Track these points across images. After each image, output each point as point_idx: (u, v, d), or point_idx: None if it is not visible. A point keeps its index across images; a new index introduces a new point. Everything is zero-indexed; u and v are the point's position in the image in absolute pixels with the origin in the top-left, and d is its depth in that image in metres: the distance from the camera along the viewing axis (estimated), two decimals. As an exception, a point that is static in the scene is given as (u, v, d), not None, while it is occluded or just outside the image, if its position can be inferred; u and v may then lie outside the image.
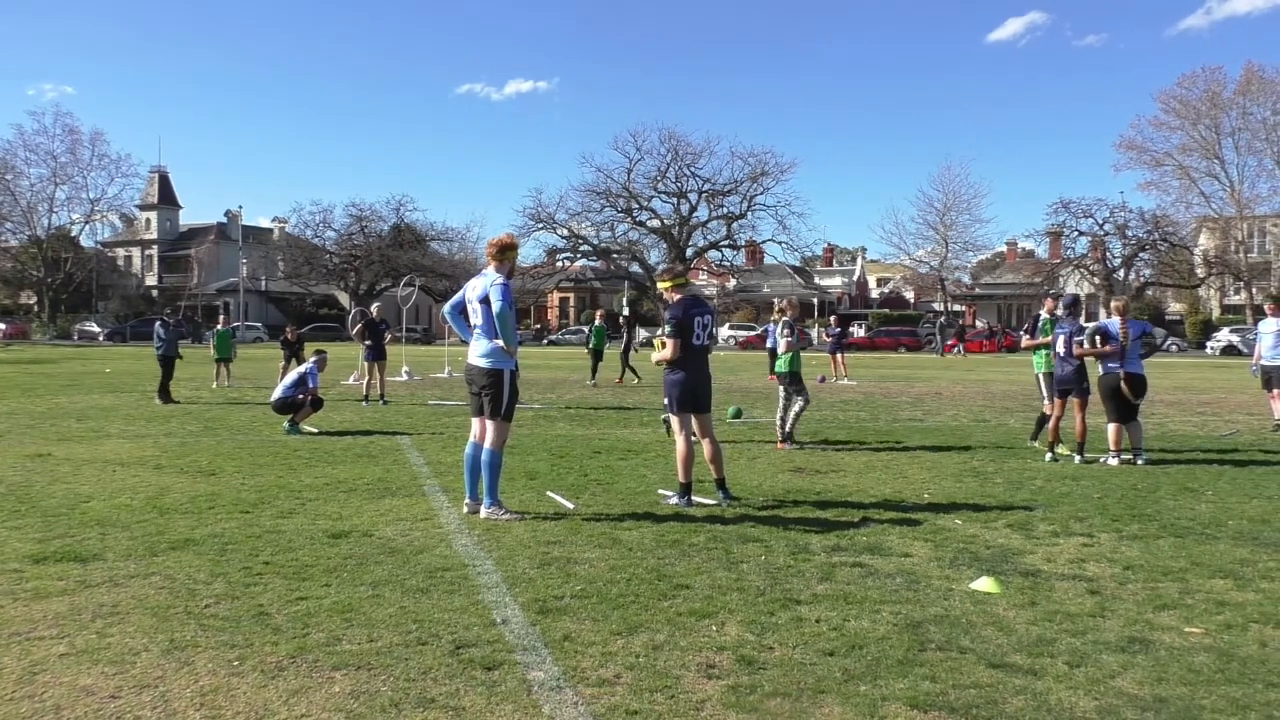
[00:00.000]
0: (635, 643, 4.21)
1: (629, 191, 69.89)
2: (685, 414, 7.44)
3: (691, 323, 7.36)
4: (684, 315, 7.38)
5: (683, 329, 7.35)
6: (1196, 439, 12.04)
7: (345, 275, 74.50)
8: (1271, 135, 61.46)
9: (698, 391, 7.43)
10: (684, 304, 7.46)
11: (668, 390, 7.56)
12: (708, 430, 7.53)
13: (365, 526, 6.51)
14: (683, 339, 7.34)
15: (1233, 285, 64.19)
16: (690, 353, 7.38)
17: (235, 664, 3.92)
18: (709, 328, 7.45)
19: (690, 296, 7.56)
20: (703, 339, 7.42)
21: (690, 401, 7.43)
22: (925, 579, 5.30)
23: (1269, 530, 6.62)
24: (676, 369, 7.40)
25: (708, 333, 7.45)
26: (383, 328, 16.90)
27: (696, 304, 7.50)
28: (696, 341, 7.37)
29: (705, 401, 7.52)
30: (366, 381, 16.52)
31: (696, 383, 7.40)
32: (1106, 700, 3.62)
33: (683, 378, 7.38)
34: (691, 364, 7.38)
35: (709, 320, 7.47)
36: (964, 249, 69.75)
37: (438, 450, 10.47)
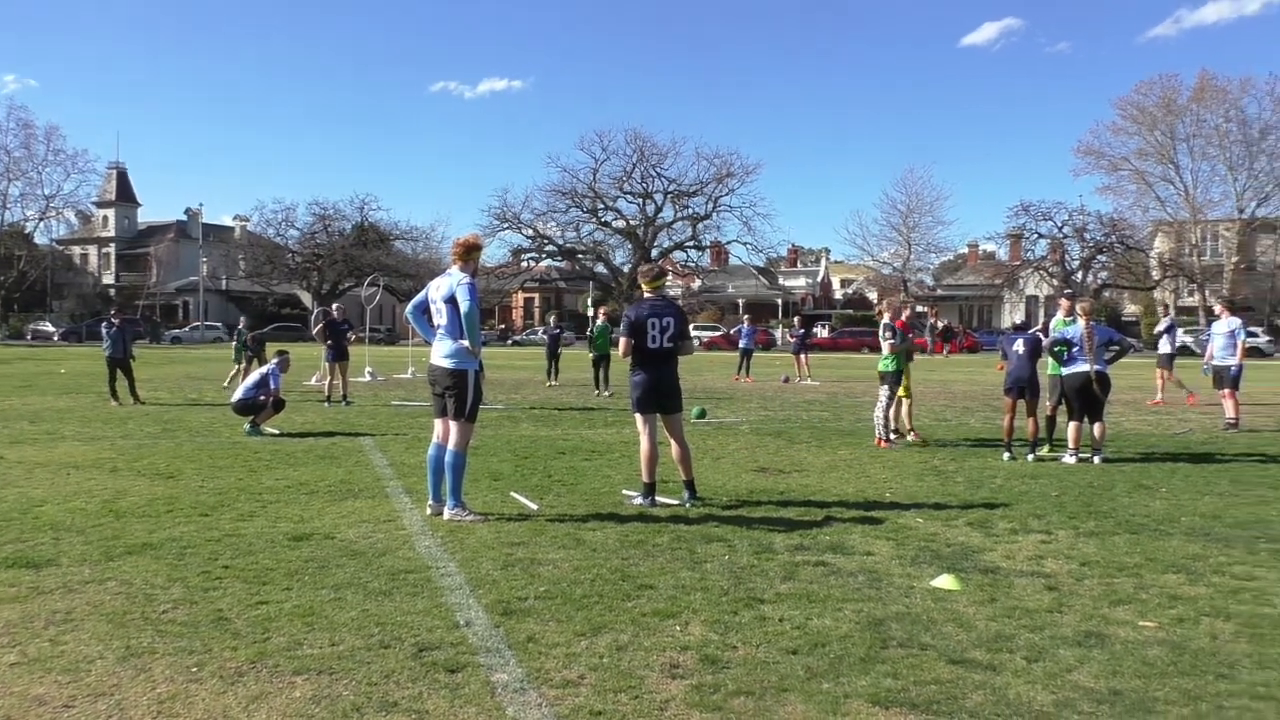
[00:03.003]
0: (599, 643, 4.21)
1: (595, 192, 69.88)
2: (647, 415, 7.45)
3: (645, 324, 7.34)
4: (637, 316, 7.39)
5: (635, 330, 7.36)
6: (1151, 437, 12.25)
7: (308, 275, 73.75)
8: (1224, 142, 62.67)
9: (657, 393, 7.41)
10: (641, 305, 7.49)
11: (630, 390, 7.57)
12: (676, 431, 7.53)
13: (327, 529, 6.45)
14: (635, 340, 7.35)
15: (1186, 287, 65.35)
16: (646, 355, 7.37)
17: (193, 670, 3.87)
18: (668, 331, 7.36)
19: (655, 299, 7.55)
20: (659, 341, 7.35)
21: (650, 403, 7.43)
22: (887, 577, 5.36)
23: (1220, 526, 6.76)
24: (636, 371, 7.43)
25: (666, 335, 7.36)
26: (344, 328, 16.76)
27: (656, 307, 7.44)
28: (652, 344, 7.33)
29: (669, 403, 7.50)
30: (329, 382, 16.39)
31: (655, 384, 7.40)
32: (1064, 694, 3.68)
33: (642, 379, 7.40)
34: (650, 366, 7.38)
35: (669, 323, 7.37)
36: (926, 250, 70.52)
37: (401, 451, 10.40)
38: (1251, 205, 62.65)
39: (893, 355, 11.15)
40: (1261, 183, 62.17)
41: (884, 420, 11.13)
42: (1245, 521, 6.93)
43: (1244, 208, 62.70)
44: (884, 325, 11.38)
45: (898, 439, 11.41)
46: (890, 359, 11.18)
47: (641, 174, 69.39)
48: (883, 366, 11.30)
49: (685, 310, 7.62)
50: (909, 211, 68.20)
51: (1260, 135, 61.61)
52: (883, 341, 11.34)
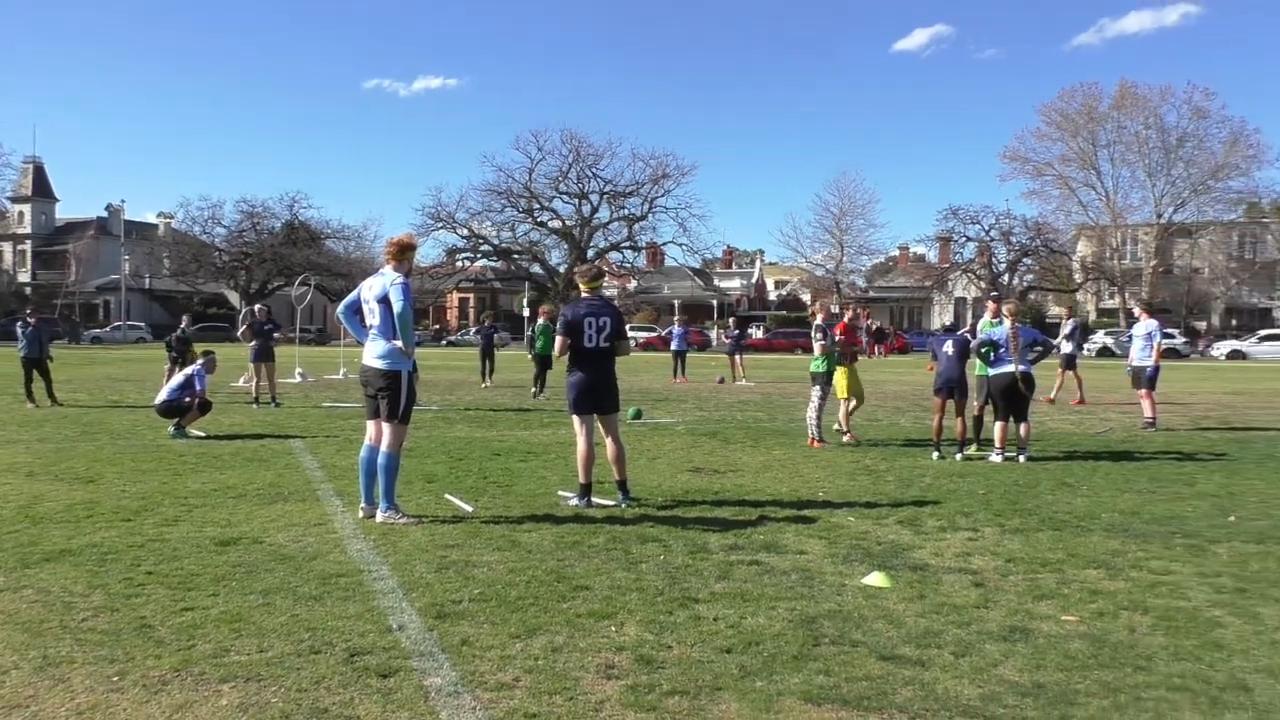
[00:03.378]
0: (534, 645, 4.20)
1: (530, 191, 69.57)
2: (585, 415, 7.45)
3: (582, 323, 7.33)
4: (574, 316, 7.40)
5: (572, 329, 7.35)
6: (1073, 436, 12.61)
7: (236, 274, 72.14)
8: (1143, 149, 64.81)
9: (595, 393, 7.42)
10: (579, 305, 7.49)
11: (567, 391, 7.56)
12: (612, 431, 7.54)
13: (255, 533, 6.32)
14: (572, 339, 7.35)
15: (1107, 290, 67.42)
16: (582, 354, 7.37)
17: (115, 680, 3.77)
18: (604, 330, 7.36)
19: (593, 299, 7.54)
20: (596, 341, 7.35)
21: (587, 403, 7.43)
22: (820, 575, 5.43)
23: (1138, 522, 6.98)
24: (574, 371, 7.43)
25: (603, 335, 7.37)
26: (268, 327, 16.41)
27: (593, 307, 7.44)
28: (588, 344, 7.33)
29: (607, 403, 7.50)
30: (255, 383, 16.05)
31: (592, 384, 7.40)
32: (989, 688, 3.76)
33: (579, 379, 7.39)
34: (587, 365, 7.38)
35: (605, 323, 7.37)
36: (859, 253, 71.68)
37: (332, 453, 10.24)
38: (1169, 211, 64.90)
39: (823, 356, 11.31)
40: (1179, 189, 64.46)
41: (817, 420, 11.27)
42: (1162, 517, 7.17)
43: (1162, 213, 64.89)
44: (815, 326, 11.53)
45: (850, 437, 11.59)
46: (821, 360, 11.33)
47: (577, 174, 69.35)
48: (814, 367, 11.44)
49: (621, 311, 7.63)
50: (841, 214, 69.32)
51: (1178, 143, 63.85)
52: (814, 343, 11.49)
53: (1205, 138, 63.68)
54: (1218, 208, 65.11)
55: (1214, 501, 7.83)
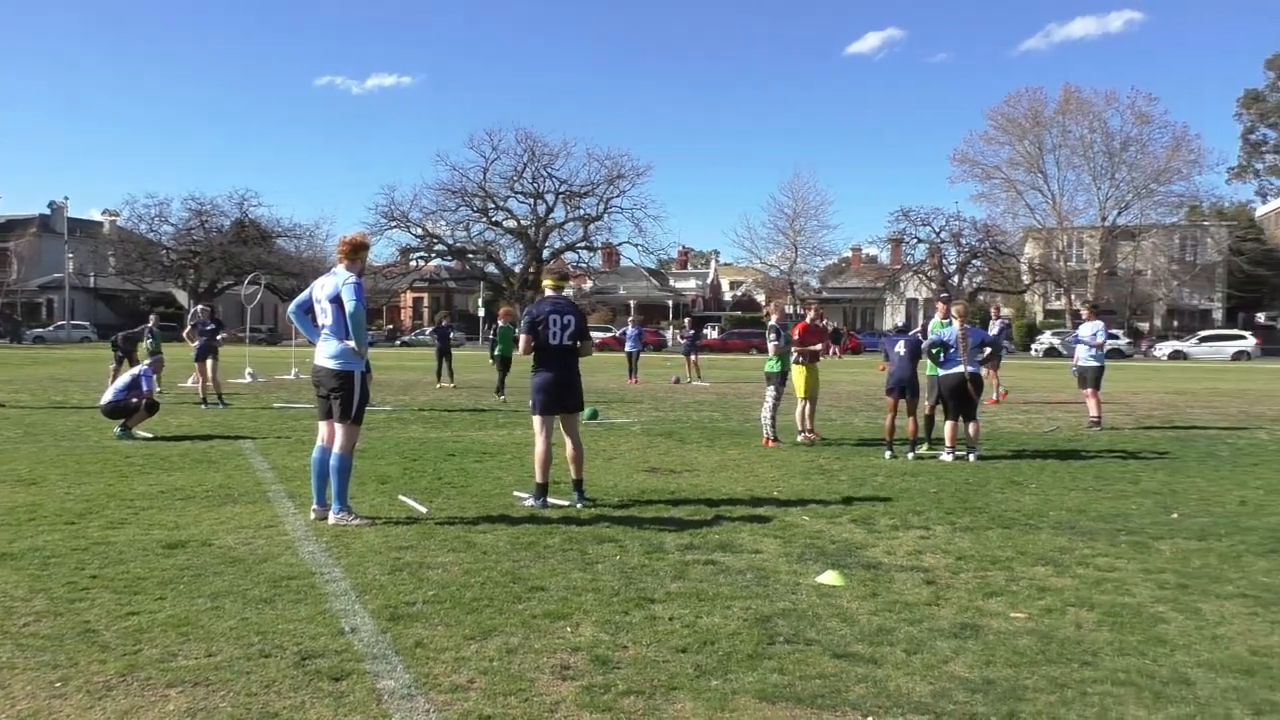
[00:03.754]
0: (489, 647, 4.18)
1: (485, 191, 69.15)
2: (548, 417, 7.40)
3: (546, 320, 7.33)
4: (538, 313, 7.39)
5: (535, 325, 7.33)
6: (1022, 435, 12.82)
7: (184, 272, 70.81)
8: (1088, 152, 66.07)
9: (560, 392, 7.39)
10: (542, 303, 7.49)
11: (531, 391, 7.50)
12: (573, 431, 7.52)
13: (204, 535, 6.21)
14: (536, 336, 7.32)
15: (1054, 291, 68.65)
16: (547, 352, 7.35)
17: (58, 685, 3.68)
18: (569, 328, 7.38)
19: (556, 298, 7.54)
20: (560, 338, 7.36)
21: (553, 404, 7.39)
22: (774, 574, 5.46)
23: (1084, 520, 7.12)
24: (538, 370, 7.39)
25: (567, 333, 7.38)
26: (210, 327, 16.11)
27: (557, 305, 7.46)
28: (553, 340, 7.33)
29: (571, 402, 7.49)
30: (202, 383, 15.74)
31: (558, 383, 7.38)
32: (940, 684, 3.82)
33: (544, 379, 7.35)
34: (552, 364, 7.36)
35: (569, 320, 7.39)
36: (812, 254, 72.17)
37: (283, 454, 10.10)
38: (1113, 214, 66.26)
39: (777, 356, 11.39)
40: (1122, 192, 65.82)
41: (772, 420, 11.35)
42: (1107, 515, 7.32)
43: (1106, 216, 66.23)
44: (770, 327, 11.61)
45: (815, 437, 11.70)
46: (775, 360, 11.41)
47: (533, 174, 69.06)
48: (768, 368, 11.53)
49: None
50: (795, 215, 69.74)
51: (1121, 147, 65.19)
52: (769, 343, 11.57)
53: (1148, 142, 65.18)
54: (1160, 211, 66.66)
55: (1157, 499, 8.01)
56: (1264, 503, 7.91)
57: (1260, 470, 9.75)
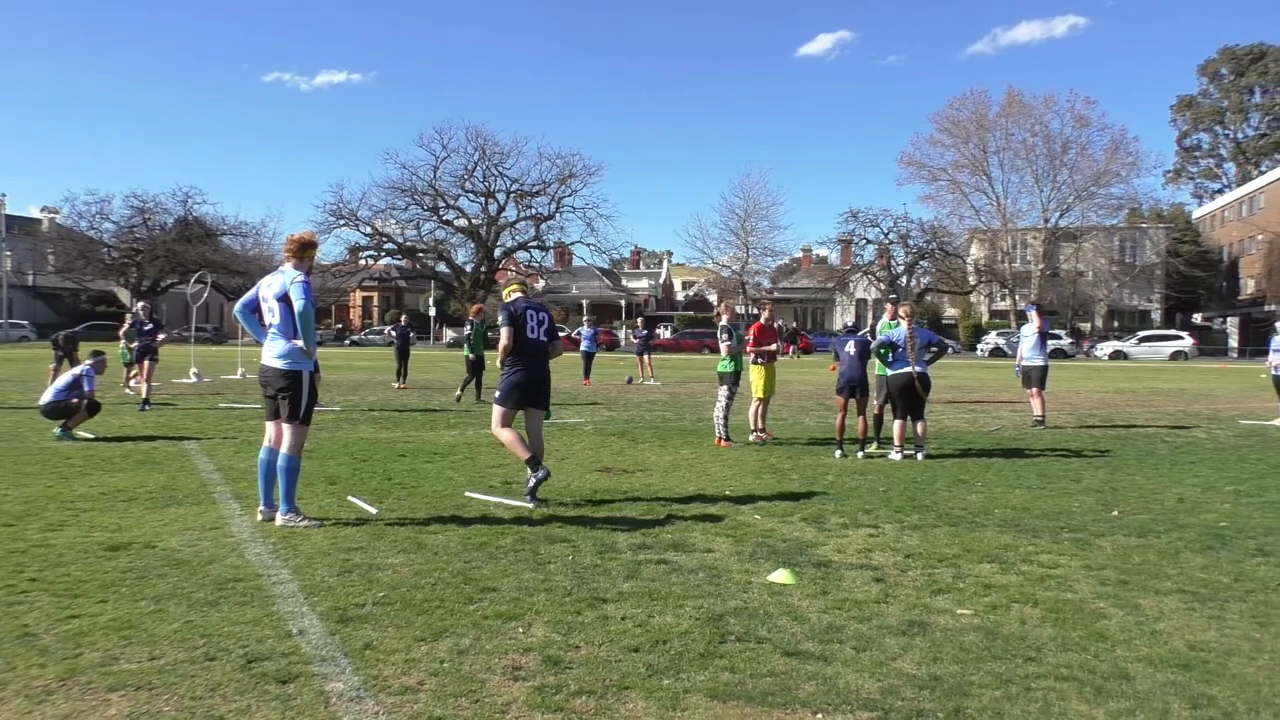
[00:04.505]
0: (440, 648, 4.15)
1: (435, 190, 68.64)
2: (513, 409, 7.47)
3: (524, 315, 7.45)
4: (515, 309, 7.48)
5: (515, 319, 7.41)
6: (968, 434, 13.02)
7: (126, 270, 69.30)
8: (1030, 155, 67.45)
9: (534, 389, 7.48)
10: (517, 301, 7.65)
11: (503, 386, 7.50)
12: (535, 427, 7.58)
13: (147, 538, 6.09)
14: (515, 330, 7.36)
15: (999, 292, 69.88)
16: (525, 347, 7.44)
17: (-5, 693, 3.59)
18: (544, 324, 7.57)
19: (525, 298, 7.71)
20: (538, 333, 7.49)
21: (526, 398, 7.47)
22: (726, 573, 5.49)
23: (1028, 517, 7.26)
24: (516, 366, 7.42)
25: (543, 329, 7.55)
26: (148, 327, 15.76)
27: (531, 302, 7.67)
28: (531, 335, 7.43)
29: (541, 399, 7.59)
30: (146, 384, 15.38)
31: (533, 380, 7.46)
32: (889, 681, 3.86)
33: (520, 375, 7.43)
34: (530, 361, 7.45)
35: (544, 317, 7.60)
36: (763, 254, 72.71)
37: (229, 455, 9.93)
38: (1055, 215, 67.67)
39: (729, 357, 11.46)
40: (1064, 194, 67.32)
41: (724, 420, 11.41)
42: (1050, 513, 7.46)
43: (1049, 217, 67.62)
44: (721, 328, 11.67)
45: (767, 436, 11.79)
46: (727, 360, 11.48)
47: (483, 172, 68.72)
48: (721, 368, 11.59)
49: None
50: (746, 215, 70.24)
51: (1062, 149, 66.64)
52: (720, 344, 11.63)
53: (1088, 145, 66.74)
54: (1100, 213, 68.33)
55: (1098, 497, 8.19)
56: (1201, 500, 8.12)
57: (1197, 468, 10.01)
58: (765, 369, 11.81)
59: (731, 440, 11.37)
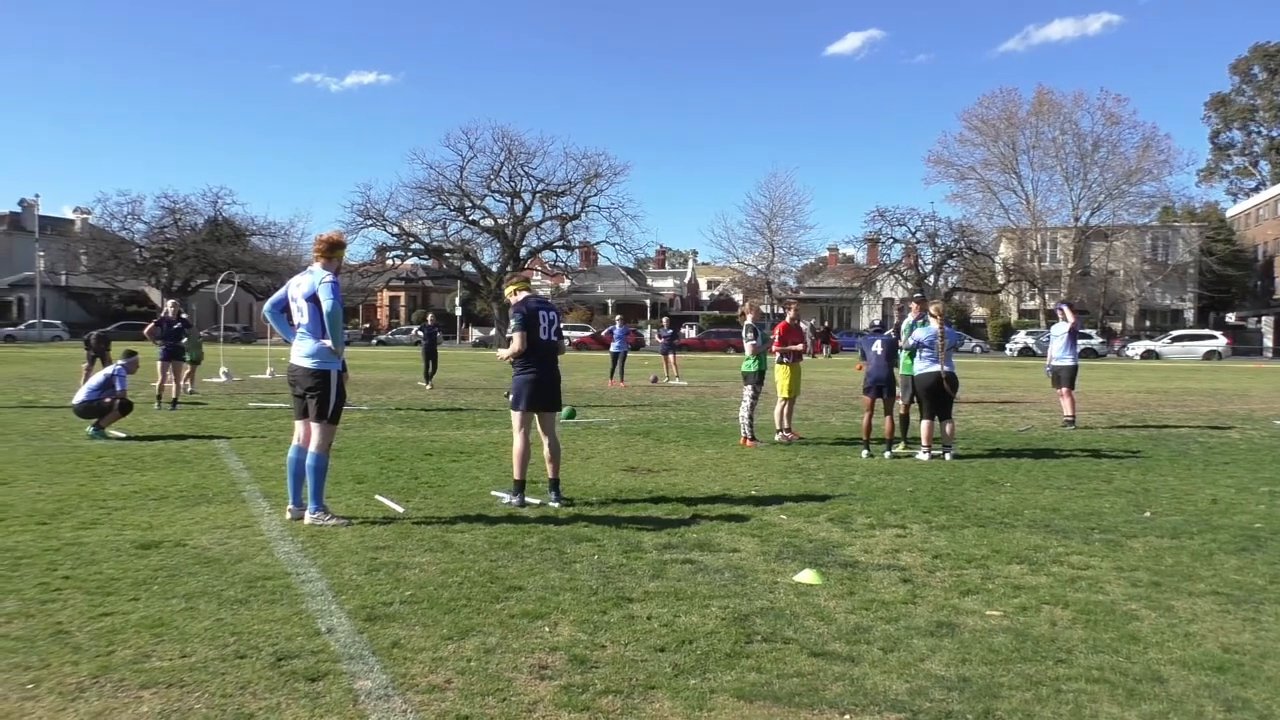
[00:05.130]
0: (466, 646, 4.16)
1: (462, 190, 68.77)
2: (529, 413, 7.40)
3: (537, 315, 7.37)
4: (529, 308, 7.39)
5: (529, 321, 7.33)
6: (997, 434, 12.91)
7: (157, 271, 70.08)
8: (1060, 153, 66.75)
9: (547, 390, 7.42)
10: (529, 299, 7.49)
11: (515, 388, 7.45)
12: (551, 429, 7.52)
13: (178, 536, 6.16)
14: (529, 331, 7.31)
15: (1028, 291, 69.23)
16: (538, 348, 7.36)
17: (29, 687, 3.64)
18: (555, 324, 7.52)
19: (534, 296, 7.60)
20: (549, 334, 7.44)
21: (539, 400, 7.40)
22: (752, 573, 5.48)
23: (1058, 518, 7.18)
24: (528, 367, 7.35)
25: (554, 328, 7.50)
26: (176, 326, 15.85)
27: (541, 301, 7.59)
28: (544, 336, 7.38)
29: (555, 400, 7.54)
30: (160, 384, 15.37)
31: (547, 381, 7.40)
32: (917, 682, 3.84)
33: (533, 376, 7.34)
34: (541, 361, 7.37)
35: (554, 317, 7.54)
36: (789, 253, 72.42)
37: (259, 454, 10.02)
38: (1086, 214, 66.95)
39: (754, 356, 11.42)
40: (1094, 192, 66.56)
41: (749, 420, 11.38)
42: (1081, 514, 7.39)
43: (1079, 216, 66.92)
44: (746, 327, 11.64)
45: (793, 436, 11.75)
46: (752, 360, 11.45)
47: (510, 173, 68.75)
48: (745, 367, 11.55)
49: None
50: (772, 215, 69.92)
51: (1093, 148, 65.91)
52: (745, 343, 11.60)
53: (1119, 143, 65.97)
54: (1131, 211, 67.48)
55: (1130, 498, 8.09)
56: (1235, 501, 8.01)
57: (1231, 469, 9.87)
58: (790, 368, 11.76)
59: (757, 440, 11.34)
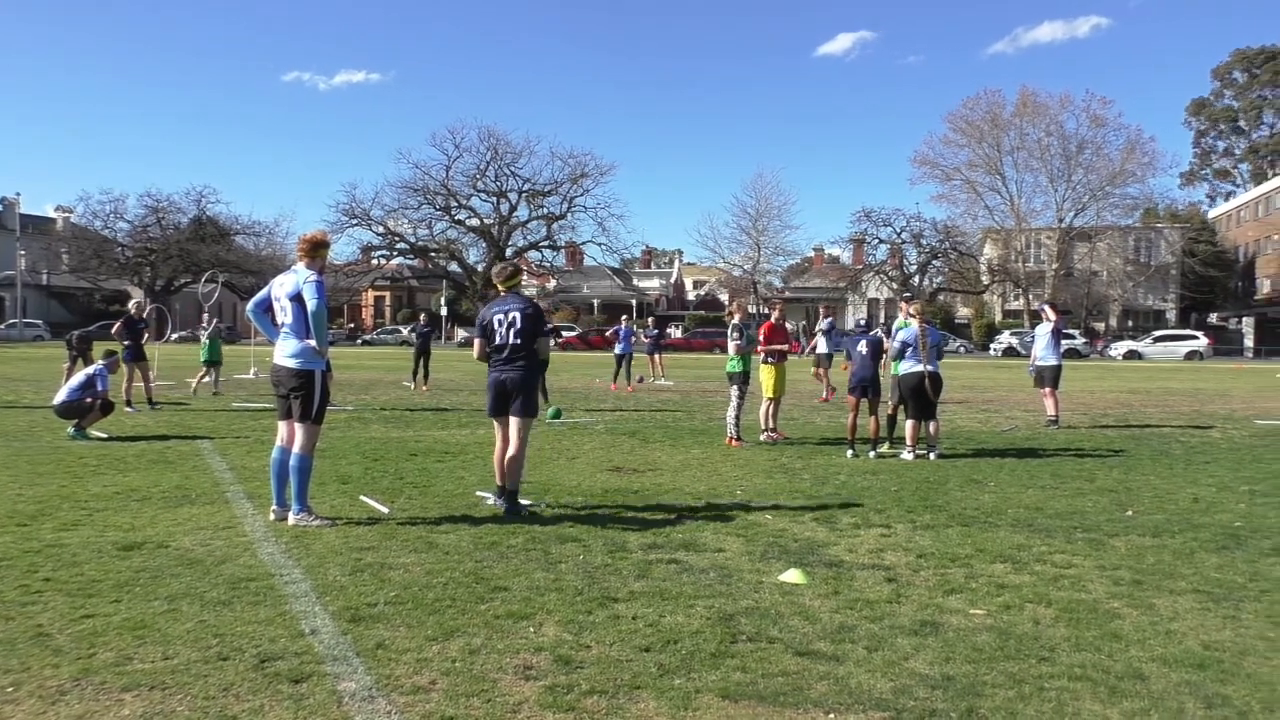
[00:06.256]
0: (451, 647, 4.15)
1: (447, 189, 68.69)
2: (497, 418, 7.27)
3: (492, 321, 7.20)
4: (484, 317, 7.26)
5: (484, 330, 7.23)
6: (981, 434, 12.97)
7: (140, 270, 69.66)
8: (1045, 155, 67.17)
9: (497, 394, 7.15)
10: (491, 304, 7.38)
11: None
12: (515, 434, 7.14)
13: (160, 537, 6.12)
14: (485, 338, 7.25)
15: (1013, 292, 69.61)
16: (495, 352, 7.17)
17: (9, 690, 3.61)
18: (514, 326, 7.09)
19: (506, 296, 7.33)
20: (507, 338, 7.10)
21: (493, 404, 7.21)
22: (737, 573, 5.48)
23: (1042, 517, 7.22)
24: (490, 371, 7.26)
25: (513, 331, 7.08)
26: (141, 326, 15.69)
27: (503, 304, 7.25)
28: (499, 341, 7.15)
29: (514, 405, 7.11)
30: (126, 384, 15.12)
31: (497, 385, 7.15)
32: (901, 681, 3.85)
33: (491, 380, 7.22)
34: (496, 364, 7.17)
35: (514, 319, 7.10)
36: (775, 253, 72.62)
37: (242, 455, 9.97)
38: (1070, 215, 67.36)
39: (739, 356, 11.43)
40: (1078, 194, 67.01)
41: (736, 420, 11.39)
42: (1064, 513, 7.43)
43: (1063, 217, 67.31)
44: (732, 326, 11.65)
45: (779, 436, 11.76)
46: (736, 360, 11.46)
47: (496, 172, 68.73)
48: (729, 368, 11.56)
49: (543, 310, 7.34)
50: (758, 215, 70.11)
51: (1077, 149, 66.34)
52: (730, 343, 11.62)
53: (1103, 145, 66.46)
54: (1115, 213, 67.99)
55: (1112, 497, 8.14)
56: (1216, 500, 8.07)
57: (1212, 468, 9.95)
58: (775, 369, 11.78)
59: (743, 440, 11.35)
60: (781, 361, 11.90)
